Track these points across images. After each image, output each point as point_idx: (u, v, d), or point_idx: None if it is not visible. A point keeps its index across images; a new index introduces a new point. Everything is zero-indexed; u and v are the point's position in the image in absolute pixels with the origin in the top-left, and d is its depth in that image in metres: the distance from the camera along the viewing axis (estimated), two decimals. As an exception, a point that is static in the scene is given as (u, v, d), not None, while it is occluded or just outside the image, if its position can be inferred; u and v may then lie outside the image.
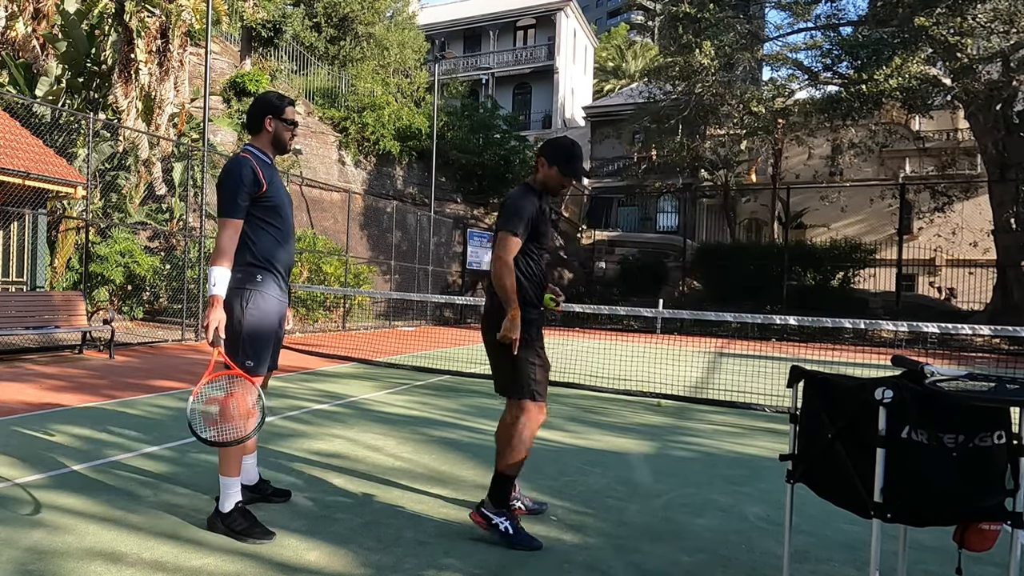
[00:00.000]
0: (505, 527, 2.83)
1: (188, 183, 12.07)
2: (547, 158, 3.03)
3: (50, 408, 5.20)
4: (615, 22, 52.83)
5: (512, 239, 2.90)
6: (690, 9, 18.93)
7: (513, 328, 2.83)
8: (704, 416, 6.15)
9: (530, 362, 2.94)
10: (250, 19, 19.09)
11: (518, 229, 2.90)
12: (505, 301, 2.86)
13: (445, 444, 4.61)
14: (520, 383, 2.93)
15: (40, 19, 12.69)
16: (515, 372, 2.94)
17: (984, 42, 15.86)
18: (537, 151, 3.13)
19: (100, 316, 10.34)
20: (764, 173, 26.76)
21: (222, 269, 2.74)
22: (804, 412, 2.27)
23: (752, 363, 10.95)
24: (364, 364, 9.08)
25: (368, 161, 21.56)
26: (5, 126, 9.31)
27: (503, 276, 2.86)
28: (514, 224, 2.90)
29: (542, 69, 34.79)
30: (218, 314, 2.70)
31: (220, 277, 2.73)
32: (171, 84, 12.84)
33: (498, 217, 3.02)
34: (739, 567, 2.71)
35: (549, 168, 3.02)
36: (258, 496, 3.16)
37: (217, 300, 2.72)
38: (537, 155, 3.09)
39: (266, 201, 2.92)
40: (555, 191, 3.09)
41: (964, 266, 21.42)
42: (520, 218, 2.91)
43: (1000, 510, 1.92)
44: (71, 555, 2.54)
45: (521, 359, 2.92)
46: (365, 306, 17.29)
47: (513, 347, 2.87)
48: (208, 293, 2.74)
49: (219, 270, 2.73)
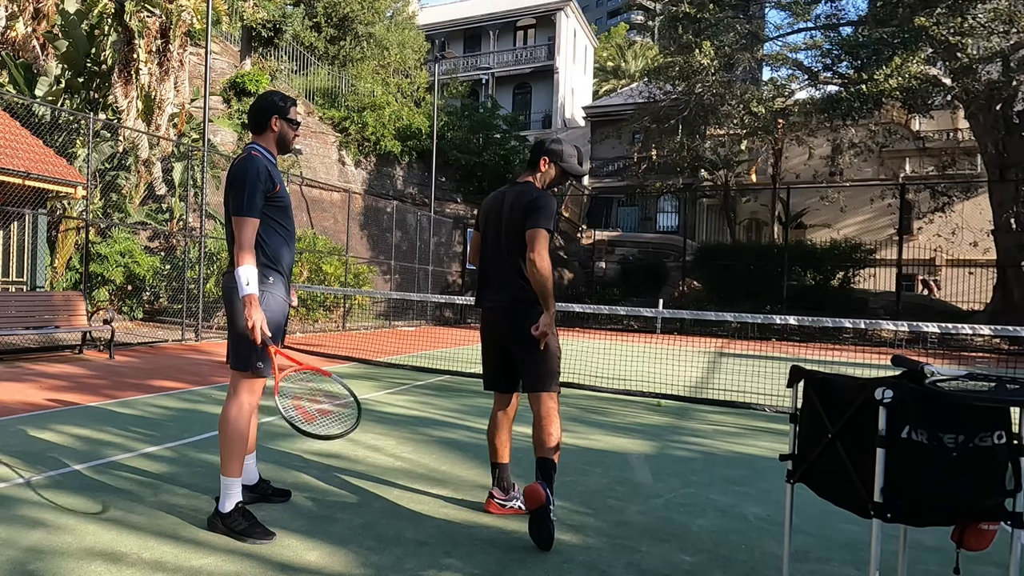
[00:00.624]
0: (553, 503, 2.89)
1: (188, 183, 12.07)
2: (551, 158, 3.13)
3: (50, 408, 5.20)
4: (615, 22, 52.83)
5: (547, 237, 2.99)
6: (690, 9, 18.92)
7: (552, 324, 2.99)
8: (704, 416, 6.15)
9: (559, 356, 3.09)
10: (250, 19, 19.09)
11: (551, 226, 3.00)
12: (547, 297, 2.95)
13: (445, 444, 4.61)
14: (554, 375, 3.06)
15: (40, 19, 12.69)
16: (551, 365, 3.05)
17: (984, 42, 15.85)
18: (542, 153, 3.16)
19: (100, 316, 10.34)
20: (764, 173, 26.76)
21: (251, 268, 2.73)
22: (804, 412, 2.27)
23: (752, 363, 10.95)
24: (364, 364, 9.08)
25: (368, 161, 21.56)
26: (5, 126, 9.31)
27: (548, 273, 2.95)
28: (548, 221, 2.99)
29: (542, 69, 34.79)
30: (259, 314, 2.69)
31: (251, 276, 2.72)
32: (171, 84, 12.85)
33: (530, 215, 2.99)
34: (739, 567, 2.71)
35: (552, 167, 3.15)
36: (258, 496, 3.16)
37: (253, 299, 2.70)
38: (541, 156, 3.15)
39: (277, 201, 2.93)
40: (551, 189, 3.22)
41: (964, 266, 21.42)
42: (551, 218, 3.01)
43: (1000, 510, 1.92)
44: (71, 555, 2.54)
45: (555, 351, 3.06)
46: (365, 306, 17.29)
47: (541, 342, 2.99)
48: (242, 294, 2.70)
49: (248, 269, 2.72)
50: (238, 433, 2.83)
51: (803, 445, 2.27)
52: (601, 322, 20.65)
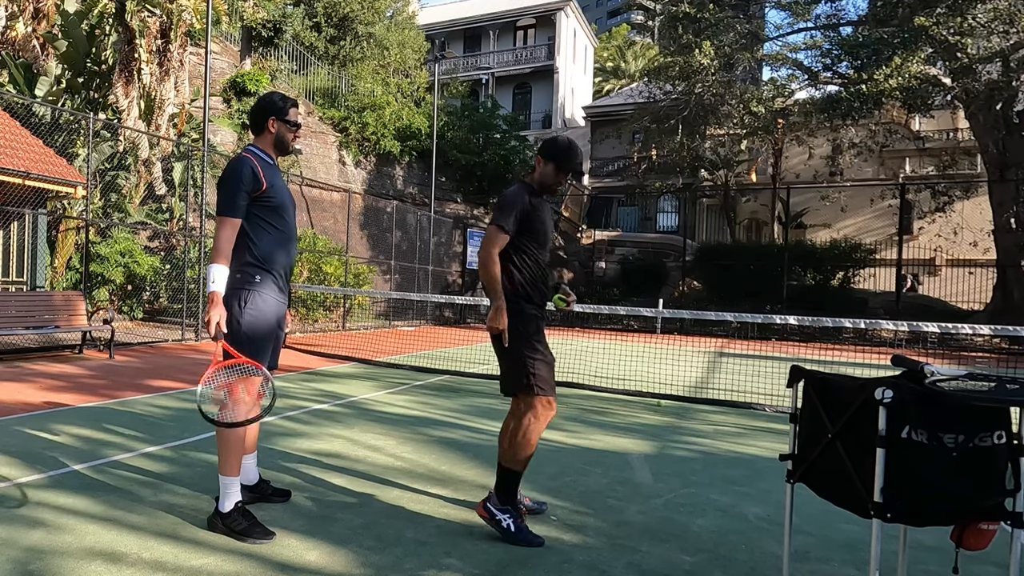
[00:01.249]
0: (508, 524, 2.84)
1: (188, 183, 12.07)
2: (543, 155, 3.07)
3: (50, 408, 5.20)
4: (615, 22, 52.85)
5: (497, 232, 2.93)
6: (690, 9, 18.91)
7: (497, 318, 2.87)
8: (704, 416, 6.15)
9: (528, 356, 2.92)
10: (250, 19, 19.08)
11: (503, 223, 2.93)
12: (489, 292, 2.90)
13: (445, 444, 4.61)
14: (520, 377, 2.93)
15: (40, 19, 12.69)
16: (514, 366, 2.95)
17: (984, 42, 15.85)
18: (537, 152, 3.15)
19: (100, 316, 10.34)
20: (764, 173, 26.76)
21: (220, 267, 2.78)
22: (804, 412, 2.27)
23: (752, 363, 10.95)
24: (364, 364, 9.08)
25: (368, 161, 21.56)
26: (5, 126, 9.31)
27: (485, 266, 2.91)
28: (499, 218, 2.94)
29: (542, 69, 34.79)
30: (218, 310, 2.74)
31: (218, 274, 2.77)
32: (171, 84, 12.85)
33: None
34: (739, 567, 2.71)
35: (545, 165, 3.06)
36: (258, 496, 3.16)
37: (216, 296, 2.75)
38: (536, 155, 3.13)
39: (267, 201, 2.93)
40: (552, 188, 3.10)
41: (964, 266, 21.41)
42: (507, 212, 2.94)
43: (999, 510, 1.92)
44: (71, 555, 2.54)
45: (517, 352, 2.93)
46: (365, 306, 17.29)
47: (503, 339, 2.89)
48: (207, 290, 2.78)
49: (217, 267, 2.78)
50: (235, 432, 2.83)
51: (803, 445, 2.27)
52: (601, 322, 20.66)
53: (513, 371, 2.96)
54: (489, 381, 7.80)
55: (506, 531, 2.83)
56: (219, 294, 2.76)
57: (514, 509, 2.90)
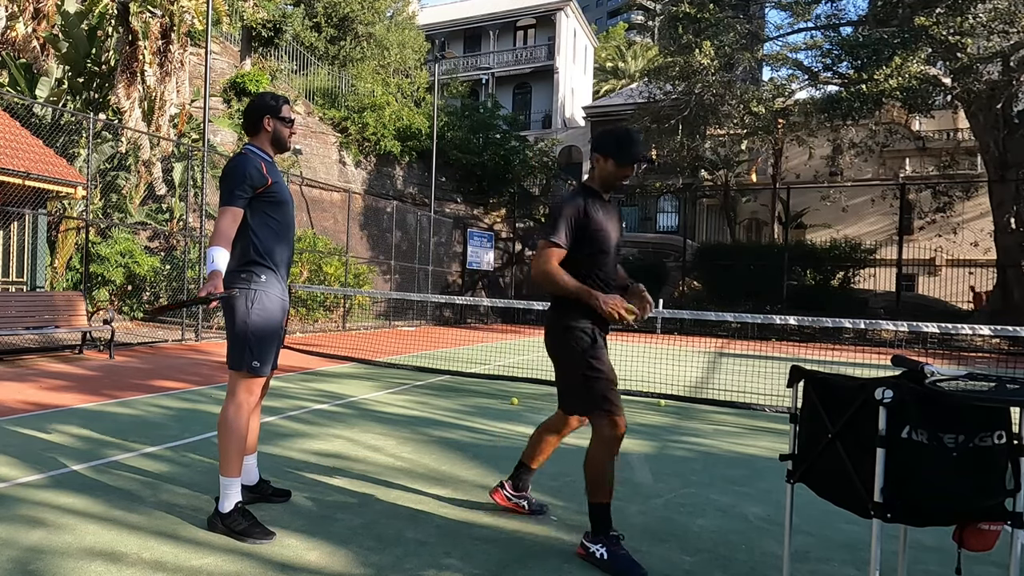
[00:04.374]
0: (601, 554, 2.64)
1: (188, 183, 12.07)
2: (598, 151, 2.81)
3: (50, 408, 5.20)
4: (615, 22, 52.84)
5: (546, 247, 2.73)
6: (690, 9, 18.91)
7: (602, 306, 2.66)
8: (704, 416, 6.15)
9: (586, 375, 2.75)
10: (250, 19, 19.09)
11: (555, 236, 2.71)
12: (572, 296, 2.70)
13: (445, 444, 4.61)
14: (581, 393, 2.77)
15: (40, 19, 12.69)
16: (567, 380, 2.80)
17: (984, 42, 15.84)
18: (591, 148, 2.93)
19: (100, 316, 10.35)
20: (764, 173, 26.76)
21: (220, 249, 2.75)
22: (804, 412, 2.27)
23: (752, 363, 10.95)
24: (364, 364, 9.08)
25: (368, 161, 21.56)
26: (5, 126, 9.31)
27: (551, 281, 2.71)
28: (550, 231, 2.73)
29: (542, 69, 34.80)
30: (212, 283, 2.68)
31: (219, 256, 2.73)
32: (173, 85, 12.85)
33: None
34: (739, 567, 2.71)
35: (605, 161, 2.79)
36: (258, 496, 3.16)
37: (217, 275, 2.70)
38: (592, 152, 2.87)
39: (271, 196, 2.94)
40: (618, 185, 2.84)
41: (964, 266, 21.41)
42: (558, 224, 2.72)
43: (1000, 510, 1.92)
44: (71, 555, 2.54)
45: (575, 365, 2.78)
46: (365, 306, 17.29)
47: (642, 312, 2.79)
48: (208, 270, 2.73)
49: (217, 250, 2.74)
50: (236, 433, 2.83)
51: (803, 445, 2.27)
52: (601, 322, 20.60)
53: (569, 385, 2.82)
54: (489, 381, 7.80)
55: (600, 560, 2.64)
56: (220, 272, 2.72)
57: (606, 538, 2.68)
